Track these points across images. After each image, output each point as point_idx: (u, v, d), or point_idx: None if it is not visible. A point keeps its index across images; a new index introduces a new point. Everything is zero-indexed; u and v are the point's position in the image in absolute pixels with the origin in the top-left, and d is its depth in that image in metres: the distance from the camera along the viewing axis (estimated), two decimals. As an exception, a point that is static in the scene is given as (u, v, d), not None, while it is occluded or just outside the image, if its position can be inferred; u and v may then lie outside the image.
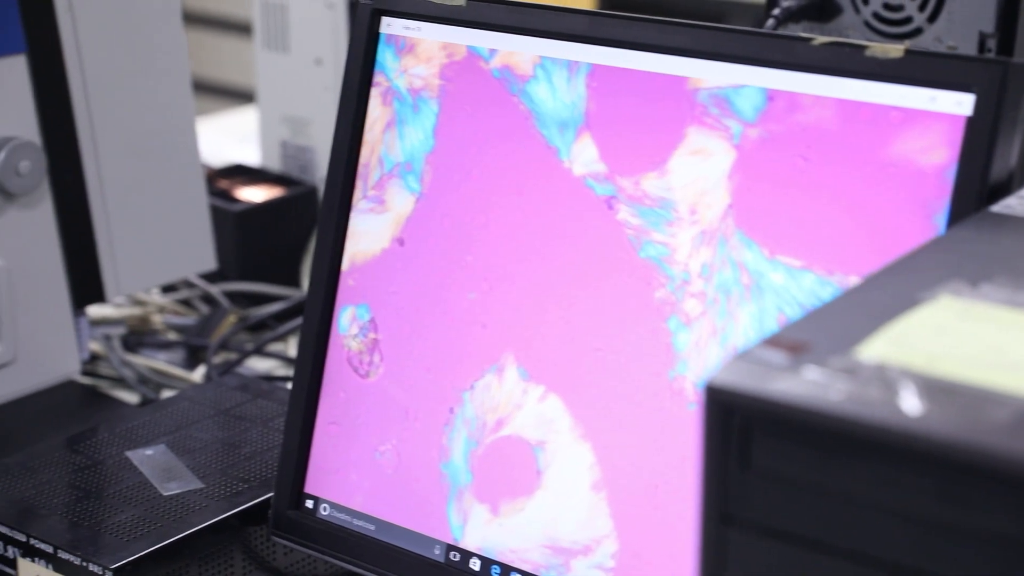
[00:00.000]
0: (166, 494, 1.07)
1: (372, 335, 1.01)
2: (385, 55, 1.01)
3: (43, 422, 1.29)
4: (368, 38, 1.01)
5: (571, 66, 0.94)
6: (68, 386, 1.35)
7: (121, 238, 1.37)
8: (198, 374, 1.45)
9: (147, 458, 1.12)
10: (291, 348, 1.52)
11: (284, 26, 1.68)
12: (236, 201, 1.60)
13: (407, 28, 1.00)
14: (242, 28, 3.76)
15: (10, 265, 1.28)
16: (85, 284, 1.35)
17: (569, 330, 0.93)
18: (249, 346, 1.50)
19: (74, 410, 1.32)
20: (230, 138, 2.01)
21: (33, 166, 1.26)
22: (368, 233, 1.01)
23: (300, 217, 1.64)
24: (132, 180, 1.36)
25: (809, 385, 0.50)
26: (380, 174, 1.01)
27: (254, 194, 1.63)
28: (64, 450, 1.14)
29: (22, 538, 1.02)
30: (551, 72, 0.94)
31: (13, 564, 1.03)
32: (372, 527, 0.99)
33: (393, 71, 1.01)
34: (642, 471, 0.89)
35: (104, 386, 1.42)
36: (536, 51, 0.95)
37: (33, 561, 1.01)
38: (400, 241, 1.00)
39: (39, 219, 1.30)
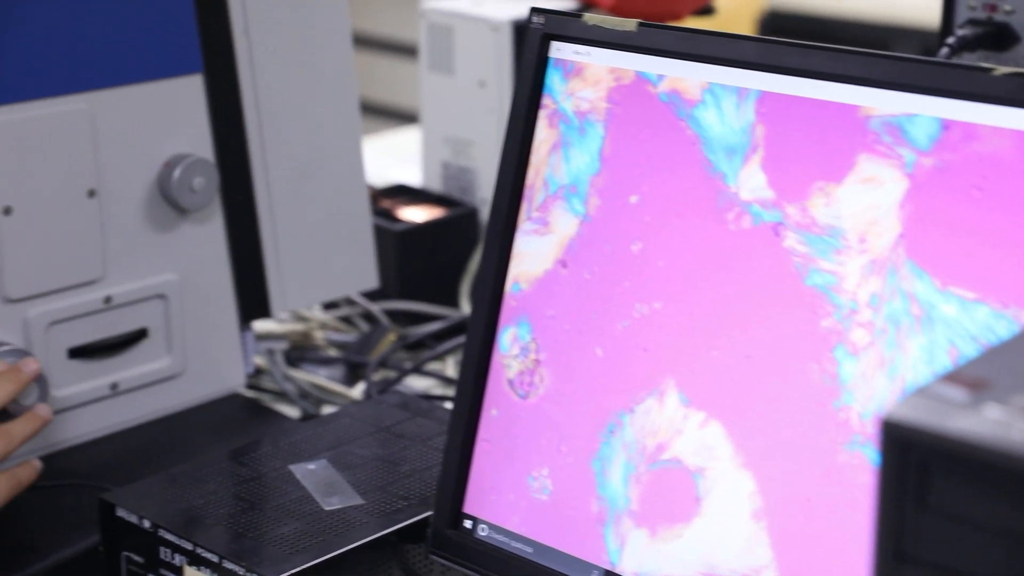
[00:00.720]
0: (327, 509, 1.09)
1: (533, 356, 1.01)
2: (553, 78, 1.02)
3: (209, 433, 1.32)
4: (537, 62, 1.01)
5: (740, 92, 0.93)
6: (233, 399, 1.38)
7: (288, 255, 1.39)
8: (357, 391, 1.47)
9: (309, 472, 1.14)
10: (449, 368, 1.53)
11: (450, 48, 1.70)
12: (398, 221, 1.62)
13: (576, 53, 1.00)
14: (407, 50, 3.82)
15: (181, 279, 1.32)
16: (252, 299, 1.38)
17: (732, 356, 0.92)
18: (408, 365, 1.52)
19: (238, 422, 1.35)
20: (392, 158, 2.04)
21: (206, 183, 1.30)
22: (531, 254, 1.02)
23: (460, 237, 1.66)
24: (299, 198, 1.39)
25: (991, 424, 0.49)
26: (545, 196, 1.02)
27: (415, 214, 1.65)
28: (229, 462, 1.16)
29: (188, 547, 1.04)
30: (720, 98, 0.94)
31: (180, 572, 1.05)
32: (530, 549, 1.00)
33: (560, 94, 1.01)
34: (804, 501, 0.88)
35: (267, 399, 1.45)
36: (705, 77, 0.95)
37: (199, 569, 1.03)
38: (563, 263, 1.00)
39: (210, 235, 1.33)
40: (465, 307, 1.64)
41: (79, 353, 1.27)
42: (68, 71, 1.21)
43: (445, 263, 1.64)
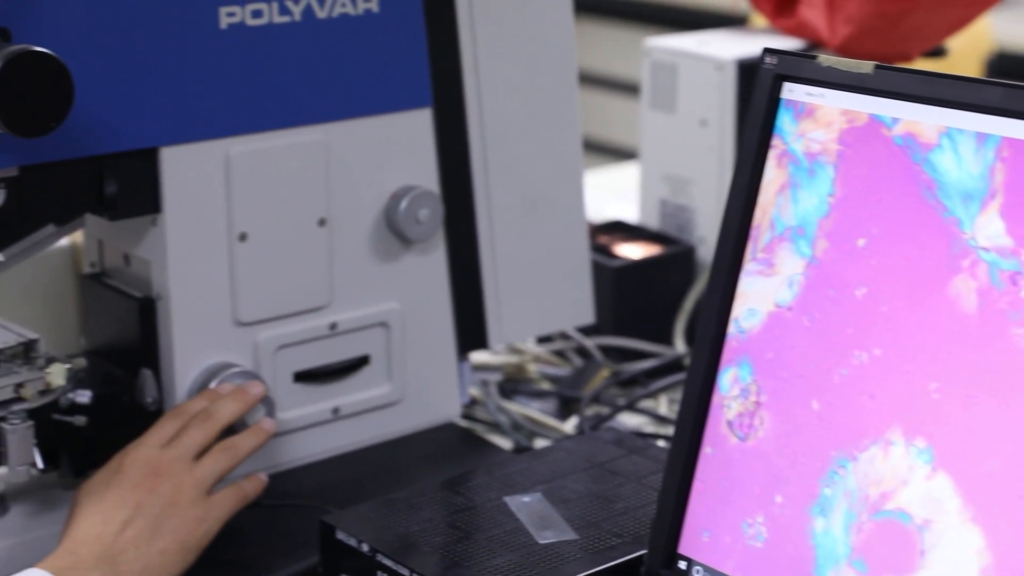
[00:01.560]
0: (541, 542, 1.09)
1: (753, 398, 1.00)
2: (783, 119, 1.01)
3: (424, 461, 1.34)
4: (768, 102, 1.01)
5: (980, 137, 0.91)
6: (448, 428, 1.40)
7: (507, 288, 1.41)
8: (570, 425, 1.47)
9: (524, 505, 1.15)
10: (662, 406, 1.53)
11: (672, 86, 1.70)
12: (615, 257, 1.63)
13: (809, 94, 0.99)
14: (626, 87, 3.83)
15: (403, 308, 1.34)
16: (470, 330, 1.40)
17: (963, 408, 0.90)
18: (621, 401, 1.52)
19: (453, 452, 1.37)
20: (610, 194, 2.04)
21: (431, 215, 1.32)
22: (755, 295, 1.01)
23: (677, 275, 1.65)
24: (521, 232, 1.41)
25: None
26: (771, 237, 1.01)
27: (632, 251, 1.65)
28: (445, 490, 1.18)
29: (405, 572, 1.06)
30: (958, 142, 0.92)
31: (395, 596, 1.07)
32: (745, 593, 0.99)
33: (790, 134, 1.00)
34: (1036, 561, 0.85)
35: (480, 430, 1.46)
36: (943, 121, 0.93)
37: (414, 595, 1.05)
38: (787, 306, 0.99)
39: (433, 266, 1.36)
40: (680, 345, 1.63)
41: (304, 377, 1.30)
42: (306, 103, 1.25)
43: (661, 300, 1.64)
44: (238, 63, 1.20)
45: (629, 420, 1.50)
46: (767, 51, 1.01)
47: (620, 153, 3.65)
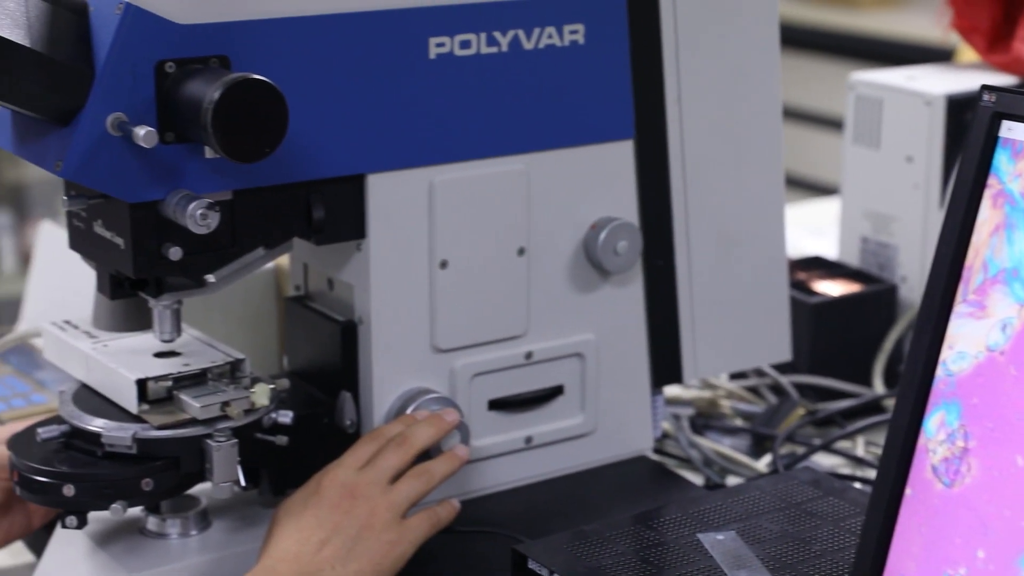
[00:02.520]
0: (736, 581, 1.08)
1: (961, 443, 0.97)
2: (1000, 158, 0.98)
3: (615, 494, 1.34)
4: (985, 140, 0.98)
5: None
6: (640, 461, 1.39)
7: (703, 322, 1.40)
8: (763, 463, 1.45)
9: (717, 543, 1.13)
10: (859, 447, 1.50)
11: (877, 121, 1.67)
12: (813, 294, 1.60)
13: (1028, 132, 0.97)
14: (827, 122, 3.78)
15: (599, 339, 1.34)
16: (664, 364, 1.39)
17: None
18: (816, 441, 1.49)
19: (644, 485, 1.36)
20: (808, 230, 2.02)
21: (630, 246, 1.32)
22: (965, 337, 0.98)
23: (877, 314, 1.62)
24: (719, 266, 1.39)
25: None
26: (983, 278, 0.98)
27: (831, 288, 1.63)
28: (637, 524, 1.17)
29: (597, 605, 1.05)
30: None
31: (586, 629, 1.06)
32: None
33: (1007, 174, 0.98)
34: None
35: (671, 464, 1.45)
36: None
37: (605, 629, 1.04)
38: (999, 351, 0.96)
39: (629, 298, 1.35)
40: (878, 386, 1.60)
41: (498, 405, 1.31)
42: (509, 133, 1.26)
43: (859, 339, 1.61)
44: (445, 93, 1.22)
45: (824, 461, 1.47)
46: (985, 88, 0.99)
47: (820, 188, 3.60)
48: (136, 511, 1.20)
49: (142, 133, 1.07)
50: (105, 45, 1.08)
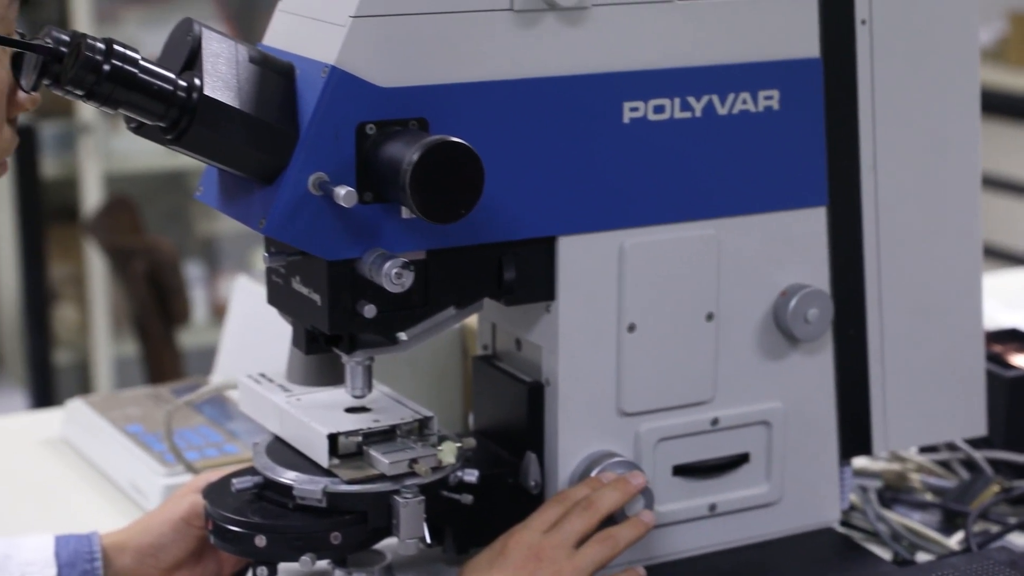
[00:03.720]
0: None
1: None
2: None
3: (800, 565, 1.31)
4: None
5: None
6: (825, 533, 1.37)
7: (894, 393, 1.37)
8: (954, 540, 1.41)
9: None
10: (1055, 527, 1.45)
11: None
12: (1009, 367, 1.56)
13: None
14: (1017, 189, 3.70)
15: (786, 407, 1.32)
16: (854, 435, 1.37)
17: None
18: (1012, 519, 1.44)
19: (830, 558, 1.33)
20: (1003, 301, 1.97)
21: (821, 314, 1.30)
22: None
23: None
24: (912, 337, 1.37)
25: None
26: None
27: (1028, 362, 1.58)
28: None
29: None
30: None
31: None
32: None
33: None
34: None
35: (857, 537, 1.42)
36: None
37: None
38: None
39: (819, 366, 1.33)
40: (1076, 464, 1.54)
41: (683, 471, 1.30)
42: (700, 198, 1.25)
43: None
44: (637, 157, 1.22)
45: (1021, 540, 1.42)
46: None
47: (1016, 258, 3.51)
48: (323, 564, 1.22)
49: (342, 193, 1.09)
50: (310, 107, 1.11)
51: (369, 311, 1.16)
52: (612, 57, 1.20)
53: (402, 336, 1.19)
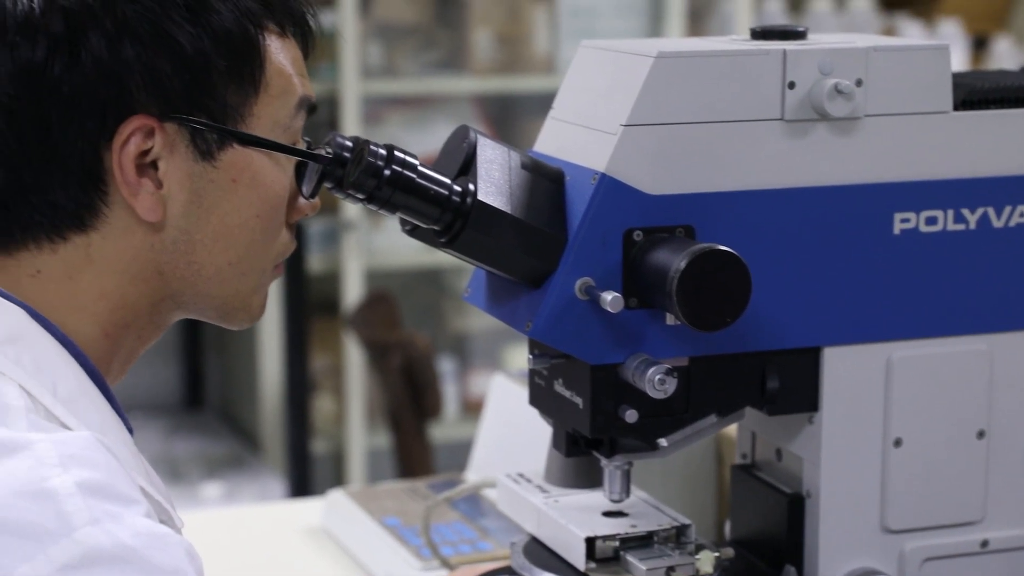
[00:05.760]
0: None
1: None
2: None
3: None
4: None
5: None
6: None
7: None
8: None
9: None
10: None
11: None
12: None
13: None
14: None
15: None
16: None
17: None
18: None
19: None
20: None
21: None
22: None
23: None
24: None
25: None
26: None
27: None
28: None
29: None
30: None
31: None
32: None
33: None
34: None
35: None
36: None
37: None
38: None
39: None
40: None
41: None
42: (971, 312, 1.22)
43: None
44: (907, 269, 1.20)
45: None
46: None
47: None
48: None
49: (609, 298, 1.10)
50: (579, 213, 1.13)
51: (631, 416, 1.16)
52: (883, 167, 1.19)
53: (662, 442, 1.19)
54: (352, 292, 3.32)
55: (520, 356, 3.40)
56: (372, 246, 3.39)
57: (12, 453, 0.91)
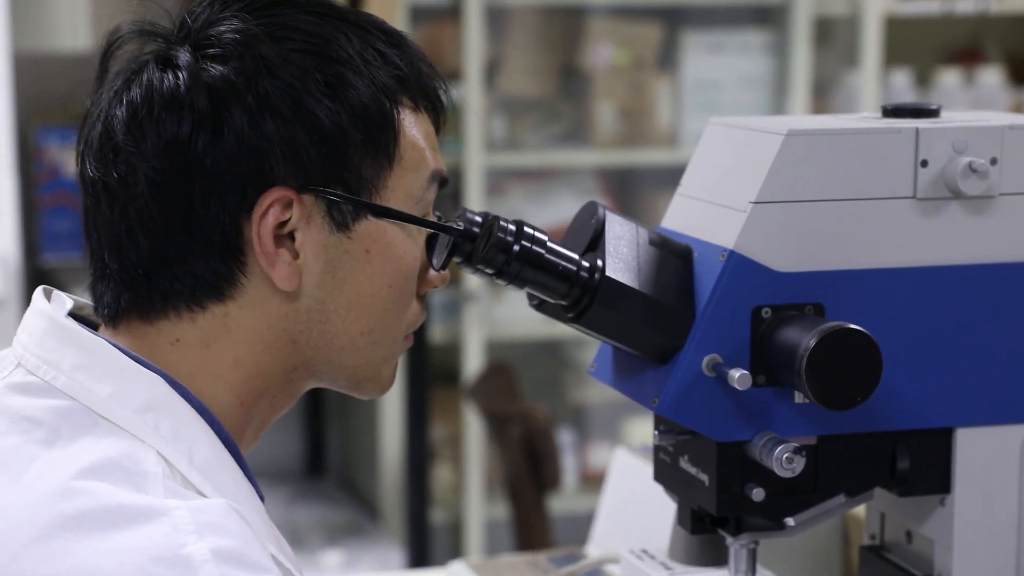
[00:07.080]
0: None
1: None
2: None
3: None
4: None
5: None
6: None
7: None
8: None
9: None
10: None
11: None
12: None
13: None
14: None
15: None
16: None
17: None
18: None
19: None
20: None
21: None
22: None
23: None
24: None
25: None
26: None
27: None
28: None
29: None
30: None
31: None
32: None
33: None
34: None
35: None
36: None
37: None
38: None
39: None
40: None
41: None
42: None
43: None
44: (1042, 348, 1.18)
45: None
46: None
47: None
48: None
49: (737, 376, 1.10)
50: (707, 290, 1.13)
51: (757, 495, 1.15)
52: (1019, 246, 1.17)
53: (790, 522, 1.17)
54: (472, 363, 3.33)
55: (640, 429, 3.39)
56: (493, 317, 3.40)
57: (150, 519, 0.93)
